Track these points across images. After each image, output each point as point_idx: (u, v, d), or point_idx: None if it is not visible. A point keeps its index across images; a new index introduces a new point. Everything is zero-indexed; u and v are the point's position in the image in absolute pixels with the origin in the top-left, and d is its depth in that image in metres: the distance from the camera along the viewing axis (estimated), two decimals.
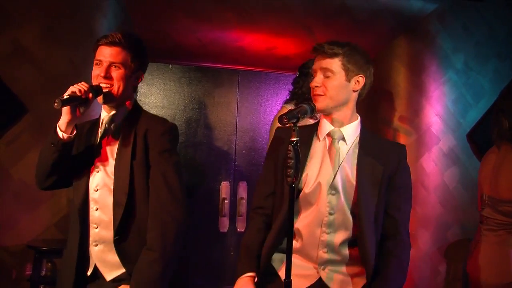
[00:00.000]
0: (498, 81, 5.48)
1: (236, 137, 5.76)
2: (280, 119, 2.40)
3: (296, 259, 2.74)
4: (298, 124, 2.42)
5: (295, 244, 2.79)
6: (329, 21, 4.99)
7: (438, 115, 5.26)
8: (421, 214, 5.20)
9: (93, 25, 4.52)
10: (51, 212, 4.41)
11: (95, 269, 2.92)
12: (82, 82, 2.77)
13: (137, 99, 5.45)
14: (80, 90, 2.72)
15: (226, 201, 5.66)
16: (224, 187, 5.69)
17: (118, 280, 2.90)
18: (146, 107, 5.50)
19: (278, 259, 2.86)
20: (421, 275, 5.21)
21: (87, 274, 2.93)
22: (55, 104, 2.59)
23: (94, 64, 2.89)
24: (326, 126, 2.82)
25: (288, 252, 2.44)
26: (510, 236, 3.64)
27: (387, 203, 2.81)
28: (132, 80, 2.95)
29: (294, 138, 2.38)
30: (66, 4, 4.44)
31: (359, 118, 2.87)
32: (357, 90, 2.78)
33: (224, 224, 5.69)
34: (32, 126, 4.34)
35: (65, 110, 2.73)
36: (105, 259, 2.90)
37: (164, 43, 5.12)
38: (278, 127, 2.99)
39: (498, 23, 5.51)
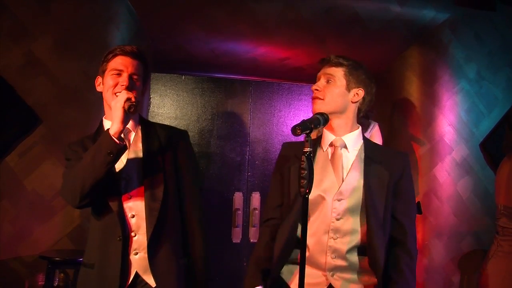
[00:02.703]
0: (511, 90, 5.47)
1: (249, 148, 5.76)
2: (293, 129, 2.41)
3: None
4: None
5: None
6: (342, 32, 4.99)
7: (451, 124, 5.25)
8: (435, 224, 5.19)
9: (107, 37, 4.54)
10: (64, 222, 4.41)
11: (136, 277, 2.82)
12: (126, 92, 2.70)
13: (150, 110, 5.51)
14: (132, 98, 2.69)
15: (239, 212, 5.66)
16: (237, 198, 5.69)
17: None
18: (159, 118, 5.52)
19: (287, 270, 2.85)
20: (435, 285, 5.18)
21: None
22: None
23: (109, 73, 2.83)
24: (328, 136, 2.86)
25: (302, 263, 2.43)
26: None
27: (394, 209, 2.82)
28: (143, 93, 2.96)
29: (307, 149, 2.38)
30: (80, 16, 4.46)
31: (360, 128, 2.91)
32: (355, 102, 2.83)
33: (237, 234, 5.68)
34: (45, 137, 4.35)
35: (121, 118, 2.63)
36: (146, 266, 2.83)
37: (177, 54, 5.14)
38: (284, 143, 3.06)
39: (510, 33, 5.51)
